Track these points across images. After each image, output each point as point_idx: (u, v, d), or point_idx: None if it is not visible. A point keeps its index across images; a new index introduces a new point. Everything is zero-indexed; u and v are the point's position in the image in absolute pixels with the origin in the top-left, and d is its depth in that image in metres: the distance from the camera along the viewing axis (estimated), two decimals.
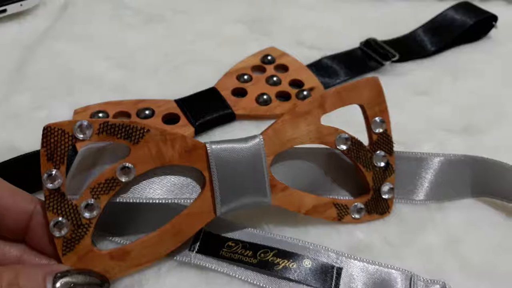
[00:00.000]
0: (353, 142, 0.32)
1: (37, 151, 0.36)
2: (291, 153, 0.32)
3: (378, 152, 0.33)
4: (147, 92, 0.42)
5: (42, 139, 0.26)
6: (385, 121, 0.33)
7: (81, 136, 0.26)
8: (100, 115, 0.38)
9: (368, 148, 0.32)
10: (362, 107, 0.32)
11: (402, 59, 0.47)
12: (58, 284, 0.25)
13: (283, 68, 0.44)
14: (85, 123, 0.26)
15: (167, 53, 0.47)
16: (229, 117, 0.40)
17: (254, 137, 0.30)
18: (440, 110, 0.42)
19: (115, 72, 0.44)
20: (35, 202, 0.28)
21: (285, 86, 0.42)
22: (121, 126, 0.27)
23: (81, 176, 0.29)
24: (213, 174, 0.29)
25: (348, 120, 0.33)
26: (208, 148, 0.29)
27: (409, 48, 0.48)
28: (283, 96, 0.42)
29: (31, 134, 0.37)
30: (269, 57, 0.44)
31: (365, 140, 0.33)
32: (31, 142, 0.36)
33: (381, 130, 0.32)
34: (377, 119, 0.32)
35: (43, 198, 0.28)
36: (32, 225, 0.27)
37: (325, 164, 0.33)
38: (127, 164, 0.27)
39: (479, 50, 0.50)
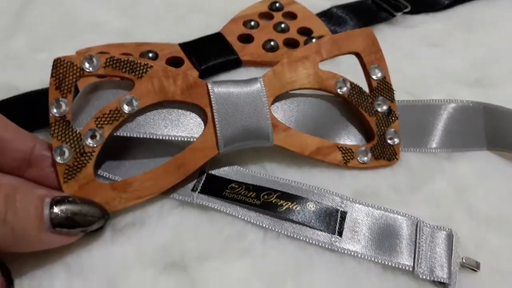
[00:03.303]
0: (353, 87, 0.32)
1: (37, 90, 0.35)
2: (294, 101, 0.32)
3: (379, 97, 0.32)
4: (151, 39, 0.41)
5: (52, 69, 0.27)
6: (383, 68, 0.32)
7: (88, 68, 0.27)
8: None
9: (368, 94, 0.32)
10: (358, 55, 0.32)
11: (414, 11, 0.45)
12: (56, 209, 0.25)
13: (292, 15, 0.43)
14: (93, 56, 0.27)
15: (171, 1, 0.45)
16: (235, 63, 0.38)
17: (255, 79, 0.30)
18: (452, 62, 0.41)
19: (118, 20, 0.43)
20: (35, 139, 0.28)
21: (293, 34, 0.41)
22: (126, 61, 0.28)
23: (81, 101, 0.29)
24: (214, 111, 0.29)
25: None
26: (209, 86, 0.29)
27: (421, 0, 0.47)
28: (291, 44, 0.40)
29: (31, 75, 0.36)
30: (277, 4, 0.43)
31: None
32: (32, 83, 0.36)
33: (379, 75, 0.32)
34: (374, 65, 0.32)
35: (43, 137, 0.28)
36: (34, 158, 0.27)
37: (328, 113, 0.33)
38: (131, 96, 0.28)
39: (493, 5, 0.48)
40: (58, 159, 0.27)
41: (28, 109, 0.34)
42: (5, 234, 0.23)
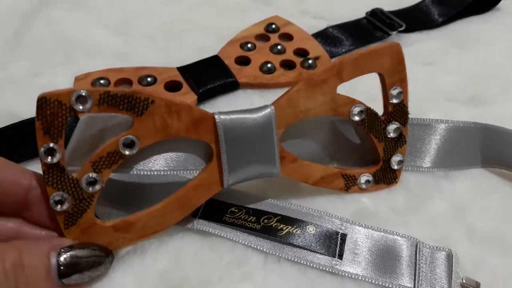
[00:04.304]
0: (368, 113, 0.30)
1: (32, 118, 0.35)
2: (299, 125, 0.31)
3: (392, 123, 0.31)
4: (147, 59, 0.41)
5: (37, 110, 0.24)
6: (403, 91, 0.31)
7: (80, 107, 0.24)
8: (102, 81, 0.37)
9: (382, 119, 0.31)
10: (381, 75, 0.30)
11: (408, 30, 0.46)
12: (62, 259, 0.24)
13: (288, 37, 0.43)
14: (84, 93, 0.24)
15: (167, 21, 0.46)
16: (233, 86, 0.39)
17: (265, 107, 0.28)
18: (447, 80, 0.42)
19: (115, 40, 0.44)
20: (31, 176, 0.26)
21: (289, 55, 0.41)
22: (123, 97, 0.25)
23: (84, 151, 0.27)
24: (221, 146, 0.27)
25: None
26: (216, 119, 0.27)
27: (416, 18, 0.47)
28: (288, 65, 0.41)
29: (30, 101, 0.35)
30: (273, 26, 0.43)
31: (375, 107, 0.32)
32: (31, 109, 0.35)
33: (398, 101, 0.31)
34: (395, 89, 0.30)
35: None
36: (30, 200, 0.26)
37: (332, 134, 0.32)
38: (130, 137, 0.25)
39: (487, 22, 0.49)
40: (57, 208, 0.25)
41: (27, 137, 0.34)
42: None
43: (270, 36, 0.43)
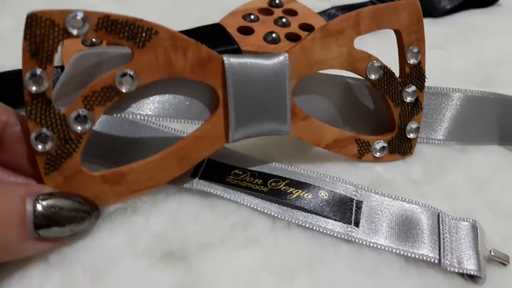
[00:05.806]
0: (385, 72, 0.28)
1: (17, 69, 0.32)
2: (311, 81, 0.29)
3: (409, 86, 0.29)
4: None
5: (25, 29, 0.21)
6: (420, 52, 0.29)
7: (75, 31, 0.21)
8: (94, 40, 0.34)
9: (399, 81, 0.29)
10: (398, 32, 0.29)
11: None
12: (39, 207, 0.21)
13: (292, 12, 0.41)
14: (81, 14, 0.21)
15: None
16: (236, 53, 0.36)
17: (278, 54, 0.25)
18: (458, 63, 0.40)
19: (110, 6, 0.40)
20: (10, 112, 0.23)
21: (295, 29, 0.39)
22: (124, 23, 0.22)
23: (73, 87, 0.24)
24: (229, 92, 0.25)
25: None
26: (225, 61, 0.24)
27: (421, 5, 0.46)
28: (293, 39, 0.39)
29: (14, 56, 0.33)
30: (276, 1, 0.42)
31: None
32: (14, 64, 0.32)
33: (415, 62, 0.29)
34: (413, 48, 0.29)
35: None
36: (6, 138, 0.23)
37: (346, 95, 0.30)
38: (129, 71, 0.23)
39: (490, 14, 0.48)
40: (38, 147, 0.22)
41: (6, 88, 0.31)
42: None
43: (273, 10, 0.41)
